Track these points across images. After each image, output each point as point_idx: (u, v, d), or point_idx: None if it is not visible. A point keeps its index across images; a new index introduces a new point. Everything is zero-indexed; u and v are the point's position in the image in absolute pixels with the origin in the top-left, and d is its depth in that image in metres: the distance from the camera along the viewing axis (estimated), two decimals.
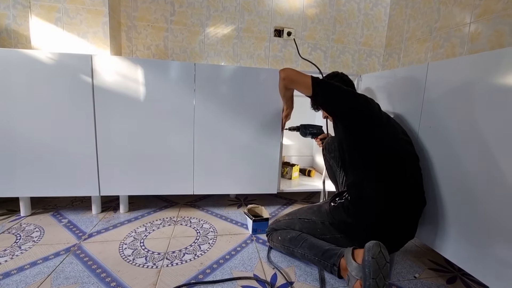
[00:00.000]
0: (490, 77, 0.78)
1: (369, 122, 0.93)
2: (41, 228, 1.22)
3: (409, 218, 0.92)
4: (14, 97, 1.18)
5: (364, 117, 0.93)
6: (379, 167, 0.91)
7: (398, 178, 0.91)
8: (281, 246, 1.05)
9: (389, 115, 1.06)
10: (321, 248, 0.93)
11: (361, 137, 0.93)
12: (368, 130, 0.93)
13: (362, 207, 0.91)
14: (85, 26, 1.56)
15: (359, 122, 0.93)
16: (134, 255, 1.04)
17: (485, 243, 0.79)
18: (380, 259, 0.75)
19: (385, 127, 0.95)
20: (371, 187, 0.90)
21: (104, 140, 1.27)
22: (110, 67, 1.23)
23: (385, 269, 0.75)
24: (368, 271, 0.73)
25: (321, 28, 2.05)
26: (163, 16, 1.85)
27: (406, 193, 0.91)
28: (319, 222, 1.00)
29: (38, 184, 1.26)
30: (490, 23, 1.33)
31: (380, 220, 0.89)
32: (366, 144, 0.93)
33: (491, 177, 0.77)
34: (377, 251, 0.75)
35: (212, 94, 1.33)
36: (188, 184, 1.39)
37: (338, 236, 0.96)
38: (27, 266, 0.95)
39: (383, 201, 0.89)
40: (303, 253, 0.97)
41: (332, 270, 0.87)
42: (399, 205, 0.89)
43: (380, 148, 0.92)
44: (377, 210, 0.89)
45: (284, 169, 1.74)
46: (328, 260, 0.89)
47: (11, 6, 1.60)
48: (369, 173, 0.92)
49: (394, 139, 0.95)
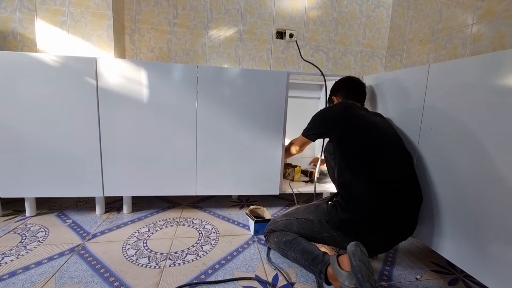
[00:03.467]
0: (491, 79, 0.78)
1: (347, 134, 1.04)
2: (46, 228, 1.24)
3: (404, 213, 0.94)
4: (20, 99, 1.20)
5: (337, 133, 1.07)
6: (365, 166, 0.96)
7: (385, 174, 0.94)
8: (277, 248, 1.06)
9: (375, 117, 1.11)
10: (312, 254, 0.94)
11: (343, 145, 1.04)
12: (347, 139, 1.03)
13: (352, 202, 0.94)
14: (89, 29, 1.58)
15: (337, 137, 1.07)
16: (137, 255, 1.05)
17: (485, 243, 0.79)
18: (364, 259, 0.76)
19: (364, 131, 1.02)
20: (360, 184, 0.94)
21: (108, 141, 1.29)
22: (114, 69, 1.24)
23: (370, 265, 0.77)
24: (361, 275, 0.73)
25: (323, 30, 2.06)
26: (166, 19, 1.87)
27: (397, 189, 0.93)
28: (316, 221, 1.02)
29: (43, 185, 1.28)
30: (492, 25, 1.33)
31: (373, 214, 0.91)
32: (350, 150, 1.01)
33: (492, 178, 0.77)
34: (359, 251, 0.77)
35: (215, 96, 1.34)
36: (190, 185, 1.40)
37: (335, 234, 0.98)
38: (32, 265, 0.97)
39: (373, 196, 0.91)
40: (295, 256, 0.99)
41: (320, 276, 0.89)
42: (391, 200, 0.91)
43: (363, 150, 0.98)
44: (368, 204, 0.91)
45: (286, 171, 1.75)
46: (316, 267, 0.90)
47: (17, 10, 1.63)
48: (357, 172, 0.96)
49: (380, 140, 1.01)
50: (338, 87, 1.31)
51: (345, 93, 1.27)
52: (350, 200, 0.95)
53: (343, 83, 1.31)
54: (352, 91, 1.26)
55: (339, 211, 0.96)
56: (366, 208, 0.92)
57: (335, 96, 1.31)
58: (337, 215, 0.96)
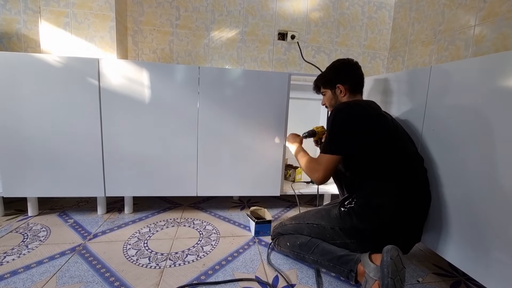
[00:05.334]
0: (494, 80, 0.78)
1: (377, 142, 0.92)
2: (47, 228, 1.25)
3: (418, 220, 0.93)
4: (23, 99, 1.21)
5: (366, 145, 0.92)
6: (389, 177, 0.91)
7: (408, 183, 0.91)
8: (291, 252, 1.04)
9: (394, 120, 1.05)
10: (335, 254, 0.92)
11: (367, 154, 0.93)
12: (375, 148, 0.92)
13: (372, 211, 0.90)
14: (92, 30, 1.59)
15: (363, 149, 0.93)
16: (138, 255, 1.05)
17: (489, 247, 0.78)
18: (398, 262, 0.75)
19: (391, 139, 0.94)
20: (382, 195, 0.90)
21: (110, 142, 1.30)
22: (116, 70, 1.25)
23: (402, 272, 0.75)
24: (387, 270, 0.73)
25: (324, 31, 2.06)
26: (168, 21, 1.88)
27: (416, 197, 0.91)
28: (328, 227, 0.98)
29: (45, 185, 1.28)
30: (495, 26, 1.33)
31: (392, 224, 0.89)
32: (375, 159, 0.93)
33: (494, 181, 0.77)
34: (395, 254, 0.76)
35: (216, 97, 1.35)
36: (191, 185, 1.40)
37: (349, 242, 0.95)
38: (33, 264, 0.97)
39: (395, 206, 0.89)
40: (315, 259, 0.96)
41: (349, 275, 0.87)
42: (409, 208, 0.90)
43: (387, 158, 0.92)
44: (389, 214, 0.89)
45: (287, 172, 1.74)
46: (344, 266, 0.88)
47: (22, 12, 1.65)
48: (379, 183, 0.91)
49: (402, 146, 0.95)
50: (345, 73, 1.08)
51: (353, 83, 1.07)
52: (369, 210, 0.90)
53: (350, 69, 1.08)
54: (359, 83, 1.09)
55: (354, 219, 0.91)
56: (387, 220, 0.89)
57: (341, 85, 1.07)
58: (352, 223, 0.92)
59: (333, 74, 1.11)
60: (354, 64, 1.09)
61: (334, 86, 1.09)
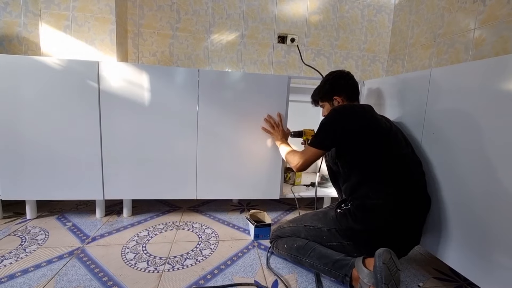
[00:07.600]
0: (494, 84, 0.77)
1: (370, 141, 0.95)
2: (46, 231, 1.24)
3: (415, 222, 0.93)
4: (22, 102, 1.21)
5: (362, 140, 0.95)
6: (383, 178, 0.92)
7: (402, 185, 0.91)
8: (288, 255, 1.04)
9: (391, 122, 1.06)
10: (331, 258, 0.92)
11: (362, 155, 0.96)
12: (369, 149, 0.95)
13: (367, 214, 0.90)
14: (92, 33, 1.60)
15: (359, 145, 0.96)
16: (136, 259, 1.04)
17: (490, 252, 0.78)
18: (391, 266, 0.74)
19: (385, 140, 0.96)
20: (378, 197, 0.90)
21: (109, 144, 1.29)
22: (116, 73, 1.25)
23: (397, 276, 0.74)
24: (380, 276, 0.72)
25: (324, 34, 2.07)
26: (168, 24, 1.88)
27: (412, 198, 0.91)
28: (325, 229, 0.98)
29: (44, 188, 1.28)
30: (495, 29, 1.33)
31: (388, 226, 0.89)
32: (370, 161, 0.94)
33: (494, 185, 0.76)
34: (388, 257, 0.75)
35: (216, 100, 1.35)
36: (191, 188, 1.39)
37: (345, 244, 0.95)
38: (31, 268, 0.96)
39: (391, 209, 0.89)
40: (311, 262, 0.96)
41: (344, 280, 0.86)
42: (406, 210, 0.90)
43: (383, 159, 0.93)
44: (384, 217, 0.89)
45: (287, 175, 1.74)
46: (339, 271, 0.88)
47: (23, 15, 1.65)
48: (375, 185, 0.92)
49: (396, 147, 0.96)
50: (339, 85, 1.14)
51: (349, 93, 1.14)
52: (364, 211, 0.91)
53: (343, 81, 1.15)
54: (355, 92, 1.15)
55: (349, 220, 0.92)
56: (382, 221, 0.89)
57: (338, 96, 1.13)
58: (347, 225, 0.92)
59: (329, 88, 1.16)
60: (347, 75, 1.16)
61: (331, 98, 1.15)
